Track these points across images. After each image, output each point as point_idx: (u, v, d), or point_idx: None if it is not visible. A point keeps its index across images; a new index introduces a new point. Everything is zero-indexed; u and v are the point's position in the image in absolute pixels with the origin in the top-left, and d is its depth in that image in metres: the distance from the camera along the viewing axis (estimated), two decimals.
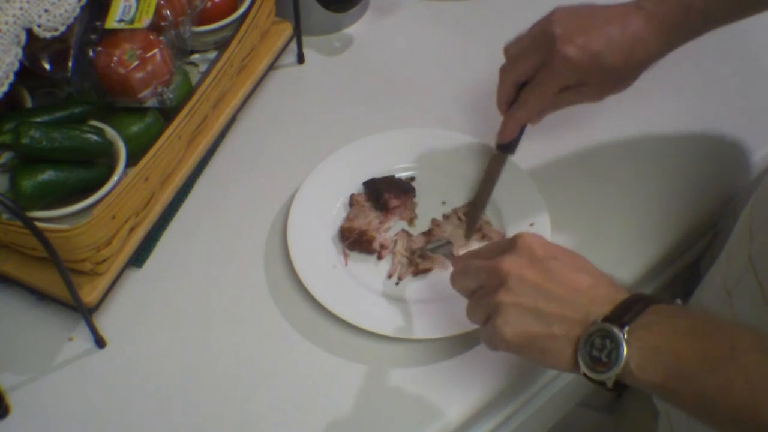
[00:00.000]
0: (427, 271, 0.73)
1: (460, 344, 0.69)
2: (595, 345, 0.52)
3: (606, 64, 0.68)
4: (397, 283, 0.73)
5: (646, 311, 0.52)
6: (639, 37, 0.68)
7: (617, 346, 0.51)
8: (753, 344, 0.48)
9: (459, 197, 0.79)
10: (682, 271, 0.83)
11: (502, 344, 0.56)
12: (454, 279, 0.62)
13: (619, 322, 0.52)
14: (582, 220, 0.77)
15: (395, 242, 0.75)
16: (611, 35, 0.68)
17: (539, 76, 0.71)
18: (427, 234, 0.76)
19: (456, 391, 0.66)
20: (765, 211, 0.61)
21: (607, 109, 0.84)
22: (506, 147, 0.78)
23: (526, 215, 0.76)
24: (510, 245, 0.58)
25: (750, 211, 0.64)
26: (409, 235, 0.75)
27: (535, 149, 0.82)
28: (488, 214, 0.77)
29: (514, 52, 0.73)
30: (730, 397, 0.47)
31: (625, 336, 0.51)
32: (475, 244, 0.75)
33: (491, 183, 0.78)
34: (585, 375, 0.53)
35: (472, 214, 0.76)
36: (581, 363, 0.53)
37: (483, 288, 0.59)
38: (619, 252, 0.75)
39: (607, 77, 0.70)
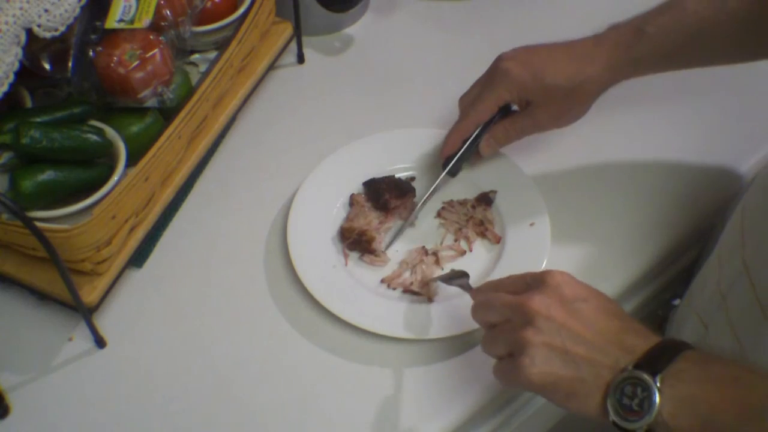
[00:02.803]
0: (417, 294, 0.72)
1: (459, 344, 0.69)
2: (625, 393, 0.51)
3: (549, 81, 0.70)
4: (394, 288, 0.72)
5: (678, 358, 0.51)
6: (584, 58, 0.70)
7: (649, 395, 0.50)
8: None
9: (459, 197, 0.79)
10: (680, 274, 0.83)
11: (526, 384, 0.54)
12: (477, 311, 0.61)
13: (651, 369, 0.50)
14: (581, 222, 0.77)
15: (414, 267, 0.74)
16: (556, 55, 0.71)
17: (480, 91, 0.74)
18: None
19: (456, 391, 0.66)
20: (756, 216, 0.60)
21: (608, 116, 0.84)
22: (446, 164, 0.78)
23: (526, 216, 0.76)
24: (538, 282, 0.57)
25: (741, 217, 0.63)
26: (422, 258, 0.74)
27: (536, 152, 0.82)
28: (491, 213, 0.77)
29: (473, 84, 0.77)
30: None
31: (658, 384, 0.50)
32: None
33: (426, 198, 0.78)
34: (614, 423, 0.52)
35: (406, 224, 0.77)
36: (610, 411, 0.52)
37: (508, 323, 0.57)
38: (617, 253, 0.75)
39: (552, 97, 0.71)
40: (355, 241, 0.75)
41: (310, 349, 0.69)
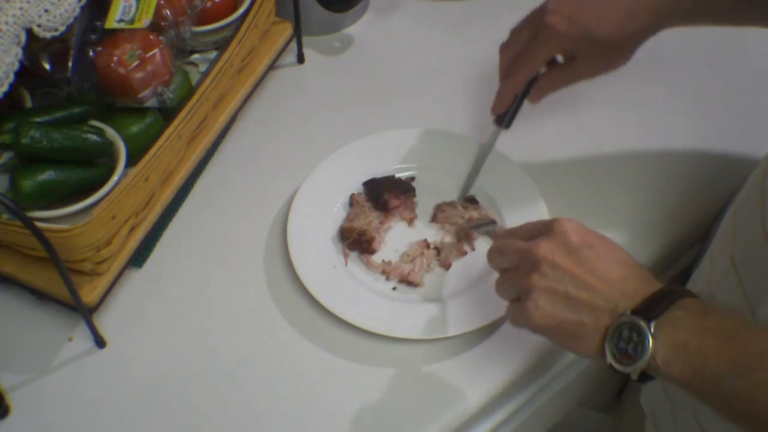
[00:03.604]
0: (412, 285, 0.73)
1: (458, 345, 0.69)
2: (622, 337, 0.53)
3: (595, 36, 0.69)
4: (394, 288, 0.73)
5: (676, 305, 0.52)
6: (630, 9, 0.68)
7: (643, 340, 0.51)
8: None
9: (447, 198, 0.79)
10: (680, 274, 0.83)
11: (530, 326, 0.57)
12: (491, 256, 0.63)
13: (646, 315, 0.52)
14: (582, 221, 0.77)
15: (414, 260, 0.75)
16: (601, 7, 0.69)
17: (527, 46, 0.72)
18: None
19: (455, 391, 0.66)
20: (746, 211, 0.61)
21: (608, 114, 0.84)
22: (500, 120, 0.78)
23: (526, 216, 0.75)
24: (546, 229, 0.59)
25: (733, 212, 0.63)
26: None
27: (536, 151, 0.82)
28: (489, 211, 0.78)
29: (513, 28, 0.75)
30: (753, 404, 0.47)
31: (652, 330, 0.51)
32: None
33: (483, 155, 0.79)
34: (611, 366, 0.53)
35: (465, 183, 0.79)
36: (608, 353, 0.53)
37: (517, 269, 0.59)
38: None
39: (597, 50, 0.70)
40: (355, 241, 0.75)
41: (310, 349, 0.69)
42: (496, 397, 0.67)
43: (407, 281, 0.72)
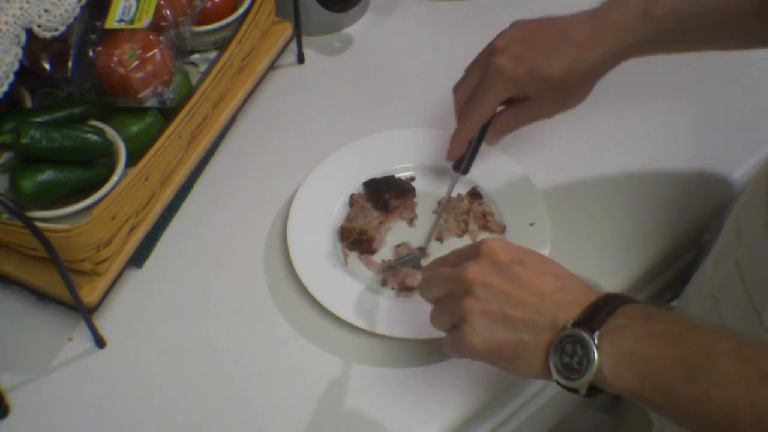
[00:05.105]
0: (408, 289, 0.72)
1: None
2: (565, 351, 0.51)
3: (546, 75, 0.66)
4: (394, 288, 0.72)
5: (617, 313, 0.51)
6: (583, 44, 0.66)
7: (588, 352, 0.49)
8: (731, 350, 0.47)
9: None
10: (679, 275, 0.83)
11: (470, 352, 0.55)
12: (422, 288, 0.61)
13: (588, 326, 0.50)
14: (581, 222, 0.77)
15: None
16: (551, 43, 0.66)
17: (476, 90, 0.70)
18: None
19: (456, 391, 0.66)
20: (750, 215, 0.60)
21: (608, 118, 0.84)
22: (457, 166, 0.77)
23: (526, 216, 0.76)
24: (474, 252, 0.57)
25: (736, 217, 0.63)
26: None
27: (536, 153, 0.82)
28: (487, 205, 0.78)
29: (466, 68, 0.73)
30: (708, 407, 0.45)
31: (596, 341, 0.49)
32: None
33: (444, 202, 0.77)
34: (557, 382, 0.52)
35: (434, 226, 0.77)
36: (552, 370, 0.51)
37: (449, 296, 0.57)
38: (616, 254, 0.75)
39: (551, 89, 0.68)
40: (355, 241, 0.75)
41: (310, 349, 0.69)
42: (496, 397, 0.67)
43: (405, 287, 0.72)
